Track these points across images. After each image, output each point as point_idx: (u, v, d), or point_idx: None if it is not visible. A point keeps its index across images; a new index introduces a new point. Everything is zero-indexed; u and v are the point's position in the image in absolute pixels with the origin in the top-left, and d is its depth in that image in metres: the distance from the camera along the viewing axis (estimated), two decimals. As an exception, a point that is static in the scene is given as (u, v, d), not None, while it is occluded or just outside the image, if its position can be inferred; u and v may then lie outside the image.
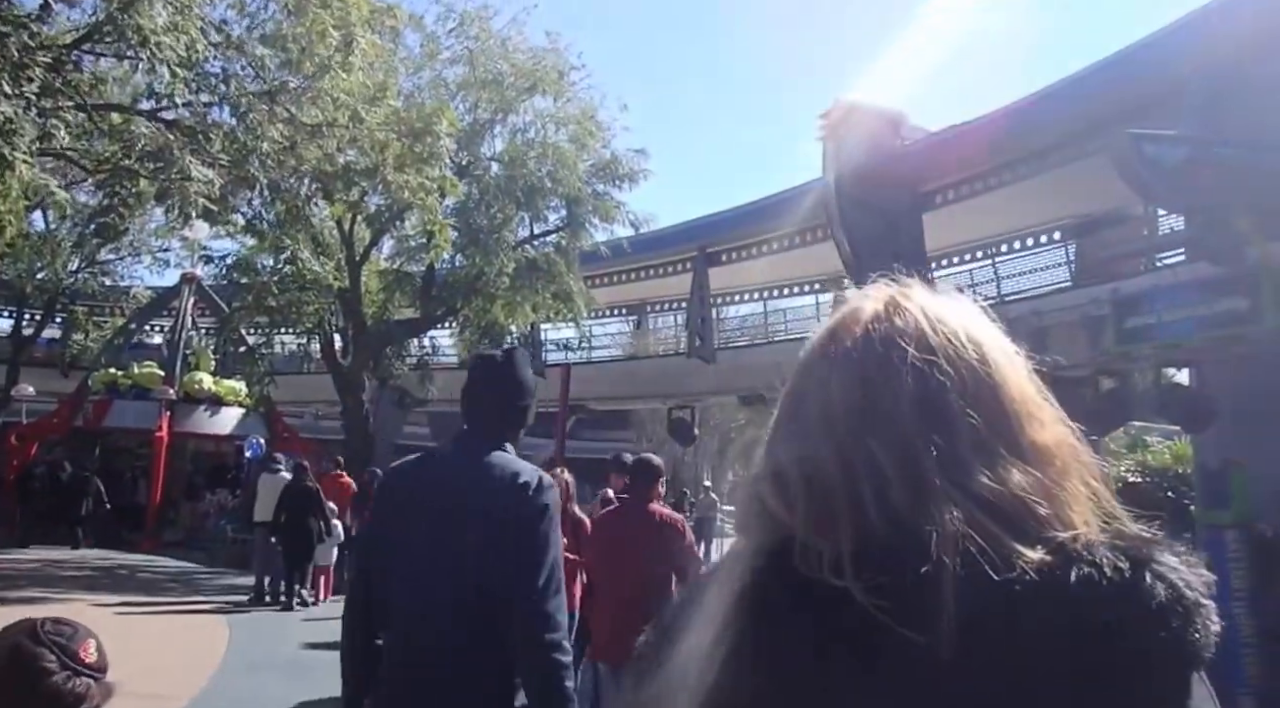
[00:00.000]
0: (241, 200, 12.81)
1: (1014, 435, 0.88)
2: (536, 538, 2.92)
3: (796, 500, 0.87)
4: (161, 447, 22.29)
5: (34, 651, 1.70)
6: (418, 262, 22.94)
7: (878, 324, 0.94)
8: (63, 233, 28.25)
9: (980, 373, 0.90)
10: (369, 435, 21.74)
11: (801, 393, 0.97)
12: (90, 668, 1.74)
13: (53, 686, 1.68)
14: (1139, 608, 0.76)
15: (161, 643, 8.02)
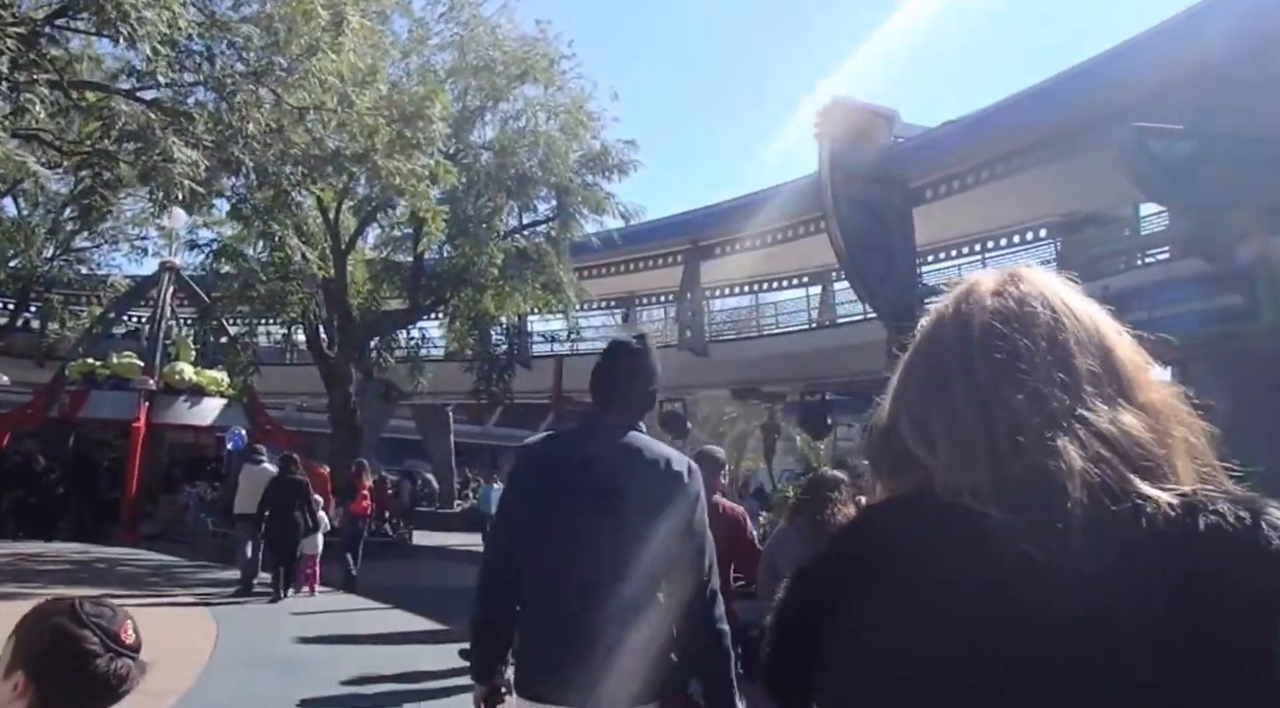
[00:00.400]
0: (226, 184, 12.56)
1: (1128, 389, 0.99)
2: (695, 524, 3.01)
3: (937, 443, 0.99)
4: (139, 438, 22.06)
5: (77, 633, 1.71)
6: (405, 251, 22.85)
7: (1007, 288, 1.06)
8: (36, 219, 28.05)
9: (1095, 335, 1.02)
10: (356, 428, 21.60)
11: (935, 350, 1.07)
12: (130, 649, 1.77)
13: (98, 669, 1.69)
14: (1261, 556, 0.84)
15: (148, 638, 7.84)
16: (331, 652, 9.99)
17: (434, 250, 21.71)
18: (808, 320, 29.56)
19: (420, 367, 22.16)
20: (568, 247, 22.10)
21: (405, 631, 11.54)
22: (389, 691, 8.26)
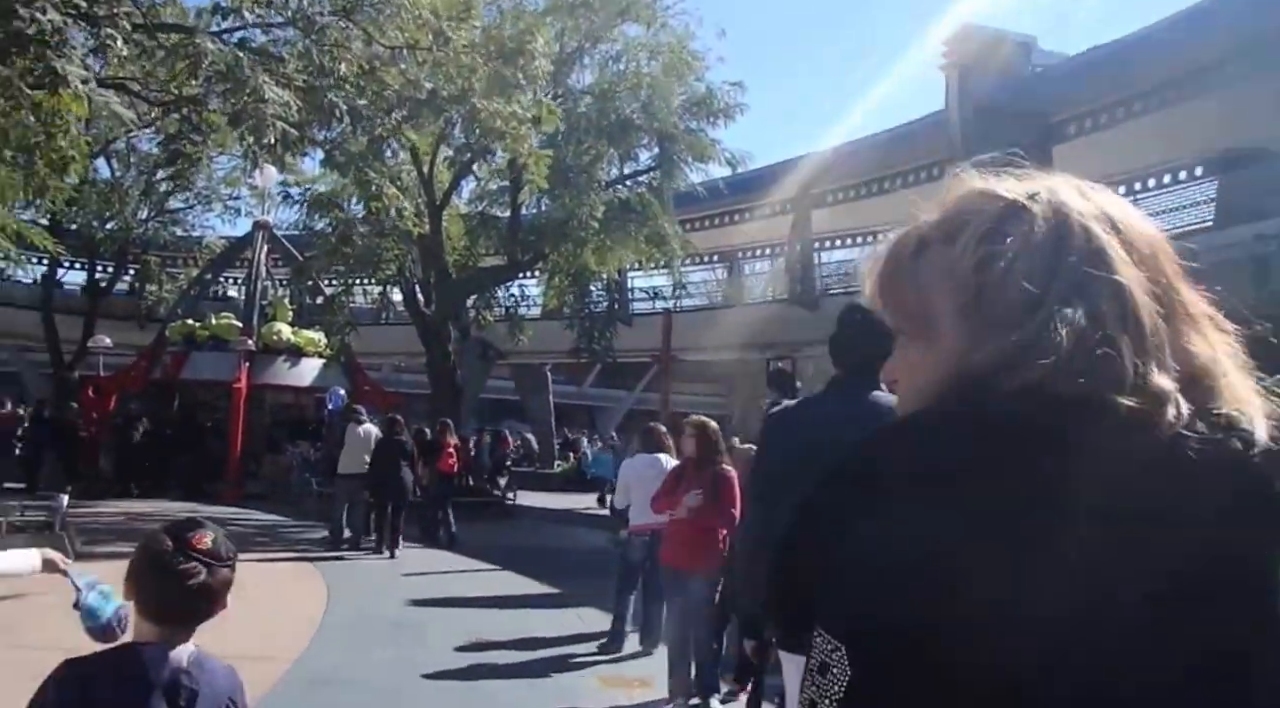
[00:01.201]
0: (319, 134, 12.29)
1: (1186, 307, 1.03)
2: None
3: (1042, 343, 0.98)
4: (240, 398, 22.46)
5: (158, 537, 2.21)
6: (501, 206, 22.66)
7: (1090, 195, 1.09)
8: (129, 180, 28.67)
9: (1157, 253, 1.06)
10: (456, 388, 21.59)
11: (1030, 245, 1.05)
12: (201, 554, 2.18)
13: (169, 567, 2.14)
14: None
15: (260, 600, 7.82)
16: (443, 615, 9.90)
17: (531, 204, 21.47)
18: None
19: (520, 324, 22.00)
20: (671, 197, 21.60)
21: (516, 594, 11.43)
22: (507, 661, 8.08)
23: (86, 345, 27.54)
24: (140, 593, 2.20)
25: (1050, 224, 1.05)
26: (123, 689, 2.09)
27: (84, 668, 2.14)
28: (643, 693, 7.37)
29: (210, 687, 2.16)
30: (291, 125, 10.31)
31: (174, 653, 2.15)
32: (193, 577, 2.15)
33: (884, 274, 1.20)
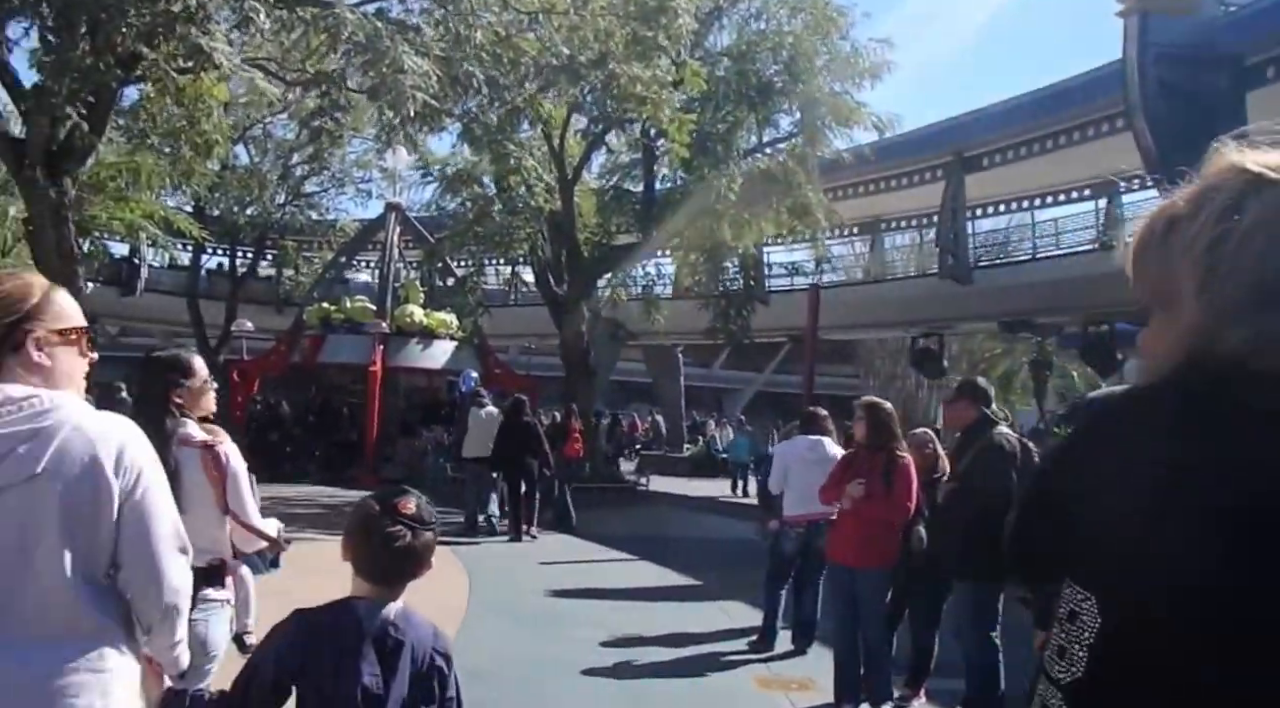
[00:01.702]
0: (455, 108, 12.09)
1: None
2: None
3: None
4: (375, 381, 22.71)
5: (367, 503, 2.53)
6: (634, 180, 22.29)
7: None
8: (267, 166, 29.45)
9: None
10: (589, 369, 21.37)
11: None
12: (409, 518, 2.48)
13: (379, 529, 2.45)
14: None
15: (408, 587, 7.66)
16: (585, 608, 9.61)
17: (667, 177, 21.06)
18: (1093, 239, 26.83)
19: (655, 303, 21.57)
20: (816, 163, 20.85)
21: (656, 585, 11.09)
22: (656, 658, 7.71)
23: (230, 330, 28.37)
24: (354, 554, 2.50)
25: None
26: (339, 637, 2.39)
27: (310, 617, 2.45)
28: (804, 697, 6.91)
29: (415, 639, 2.46)
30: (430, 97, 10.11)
31: (384, 610, 2.46)
32: (399, 539, 2.45)
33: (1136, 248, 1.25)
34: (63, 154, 11.47)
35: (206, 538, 3.46)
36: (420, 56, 9.85)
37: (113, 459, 2.06)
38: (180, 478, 3.37)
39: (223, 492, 3.60)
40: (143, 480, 2.11)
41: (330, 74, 10.51)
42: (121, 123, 16.85)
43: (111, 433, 2.10)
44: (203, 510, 3.50)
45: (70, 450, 2.02)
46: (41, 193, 11.18)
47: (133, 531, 2.09)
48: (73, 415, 2.05)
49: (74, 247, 11.72)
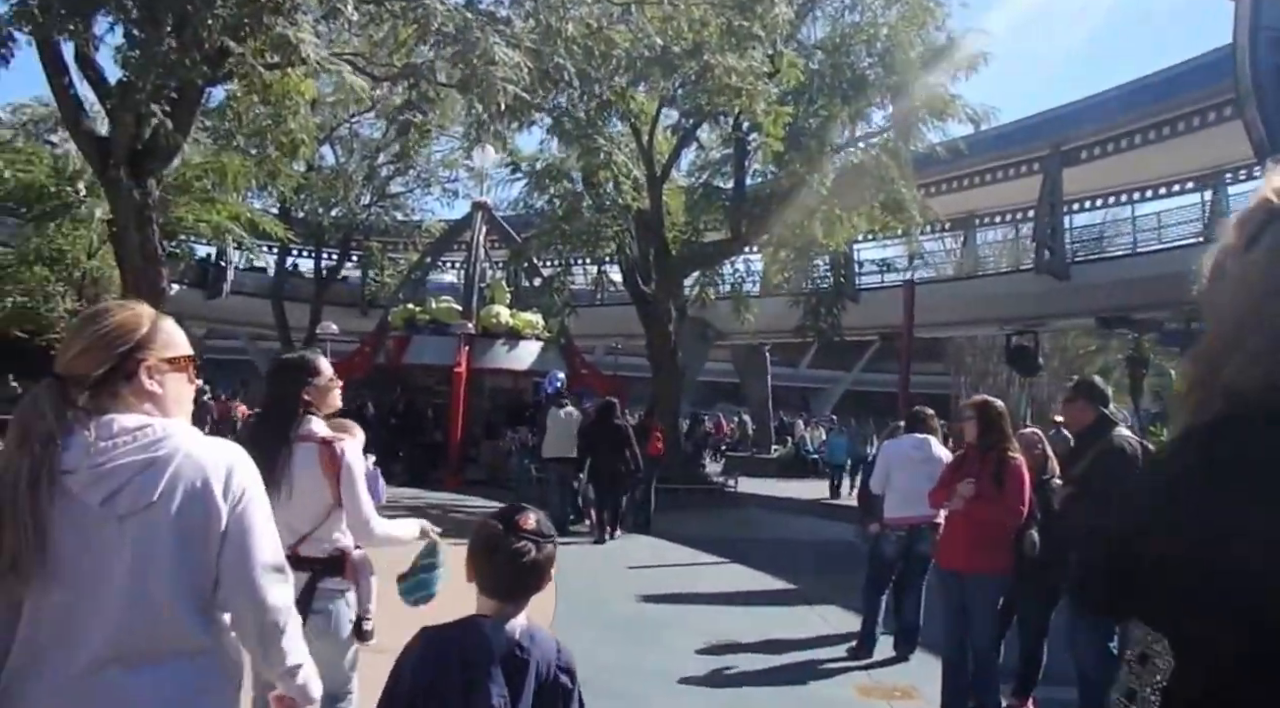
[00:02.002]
0: (547, 97, 12.03)
1: None
2: None
3: None
4: (460, 382, 22.89)
5: (489, 522, 2.59)
6: (724, 177, 22.17)
7: None
8: (352, 166, 29.93)
9: None
10: (677, 370, 21.29)
11: None
12: (529, 534, 2.53)
13: (502, 547, 2.51)
14: None
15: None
16: (677, 614, 9.55)
17: (757, 173, 20.87)
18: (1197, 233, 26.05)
19: (744, 302, 21.42)
20: (910, 158, 20.53)
21: (750, 590, 10.98)
22: (752, 666, 7.61)
23: (314, 332, 28.86)
24: (479, 572, 2.57)
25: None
26: (467, 657, 2.44)
27: (437, 636, 2.51)
28: (908, 705, 6.78)
29: (541, 656, 2.51)
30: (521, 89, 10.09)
31: (509, 625, 2.52)
32: (525, 555, 2.52)
33: (1209, 274, 1.27)
34: (147, 154, 11.67)
35: (323, 530, 3.85)
36: (511, 48, 9.85)
37: (221, 484, 2.14)
38: (293, 471, 3.73)
39: (336, 485, 3.81)
40: (246, 504, 2.19)
41: (419, 67, 10.53)
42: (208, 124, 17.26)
43: (220, 459, 2.18)
44: (316, 503, 3.81)
45: (183, 478, 2.10)
46: (125, 193, 11.38)
47: (233, 551, 2.16)
48: (184, 443, 2.14)
49: (158, 248, 11.91)
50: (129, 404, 2.15)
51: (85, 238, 18.15)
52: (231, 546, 2.16)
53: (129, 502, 2.05)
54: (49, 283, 18.59)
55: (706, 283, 22.26)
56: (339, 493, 3.83)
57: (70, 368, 2.15)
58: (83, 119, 11.75)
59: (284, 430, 3.83)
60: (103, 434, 2.09)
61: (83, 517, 2.05)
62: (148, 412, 2.17)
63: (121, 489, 2.05)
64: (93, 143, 11.75)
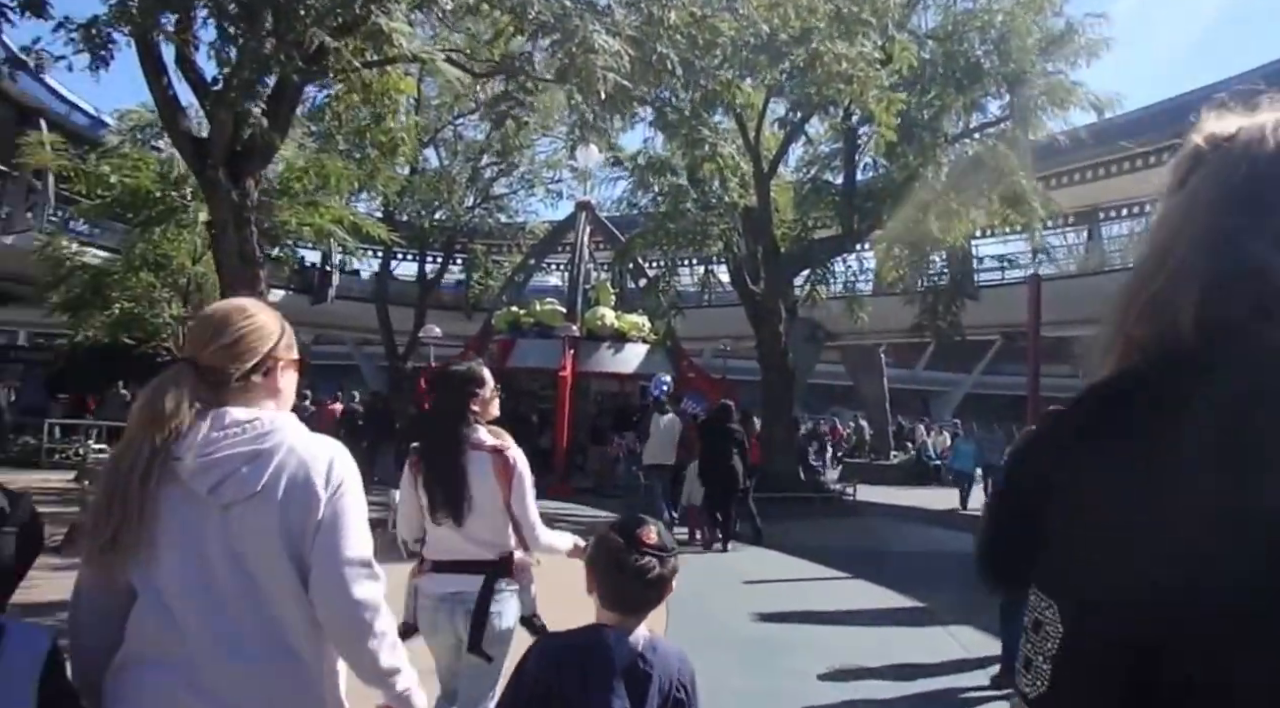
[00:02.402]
0: (649, 88, 11.64)
1: None
2: None
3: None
4: (566, 386, 22.75)
5: (610, 535, 2.61)
6: (833, 171, 21.65)
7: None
8: (456, 168, 30.07)
9: None
10: (788, 372, 20.81)
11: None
12: (652, 548, 2.56)
13: (625, 562, 2.54)
14: None
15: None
16: (797, 634, 9.11)
17: (867, 167, 20.32)
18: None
19: (860, 301, 20.80)
20: (1029, 149, 19.77)
21: (874, 608, 10.48)
22: (883, 694, 7.16)
23: (418, 336, 29.05)
24: (601, 585, 2.58)
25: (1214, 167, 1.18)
26: (589, 668, 2.46)
27: (559, 644, 2.56)
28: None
29: (663, 670, 2.51)
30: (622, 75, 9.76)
31: (631, 638, 2.53)
32: (650, 571, 2.54)
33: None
34: (245, 154, 11.63)
35: (495, 534, 4.13)
36: (610, 36, 9.53)
37: (323, 477, 2.20)
38: (469, 479, 4.06)
39: (508, 491, 4.11)
40: (342, 497, 2.23)
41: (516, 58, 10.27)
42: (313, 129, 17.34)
43: (321, 452, 2.25)
44: (491, 508, 4.10)
45: (287, 469, 2.18)
46: (223, 194, 11.35)
47: (325, 541, 2.20)
48: (290, 437, 2.22)
49: (256, 249, 11.87)
50: (256, 399, 2.28)
51: (189, 242, 18.40)
52: (323, 536, 2.19)
53: (233, 491, 2.13)
54: (155, 289, 18.93)
55: (818, 281, 21.70)
56: (509, 498, 4.11)
57: (212, 360, 2.25)
58: (181, 120, 11.78)
59: (456, 438, 4.11)
60: (215, 425, 2.17)
61: (188, 504, 2.14)
62: (266, 406, 2.28)
63: (227, 479, 2.13)
64: (191, 143, 11.78)
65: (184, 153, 12.31)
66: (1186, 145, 1.23)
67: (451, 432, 4.15)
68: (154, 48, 11.52)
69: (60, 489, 14.53)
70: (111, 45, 11.13)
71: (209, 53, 10.77)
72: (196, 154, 11.82)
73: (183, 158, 13.21)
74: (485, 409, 4.32)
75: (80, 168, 18.77)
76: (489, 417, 4.35)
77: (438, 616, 4.07)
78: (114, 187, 18.19)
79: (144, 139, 19.28)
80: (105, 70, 11.22)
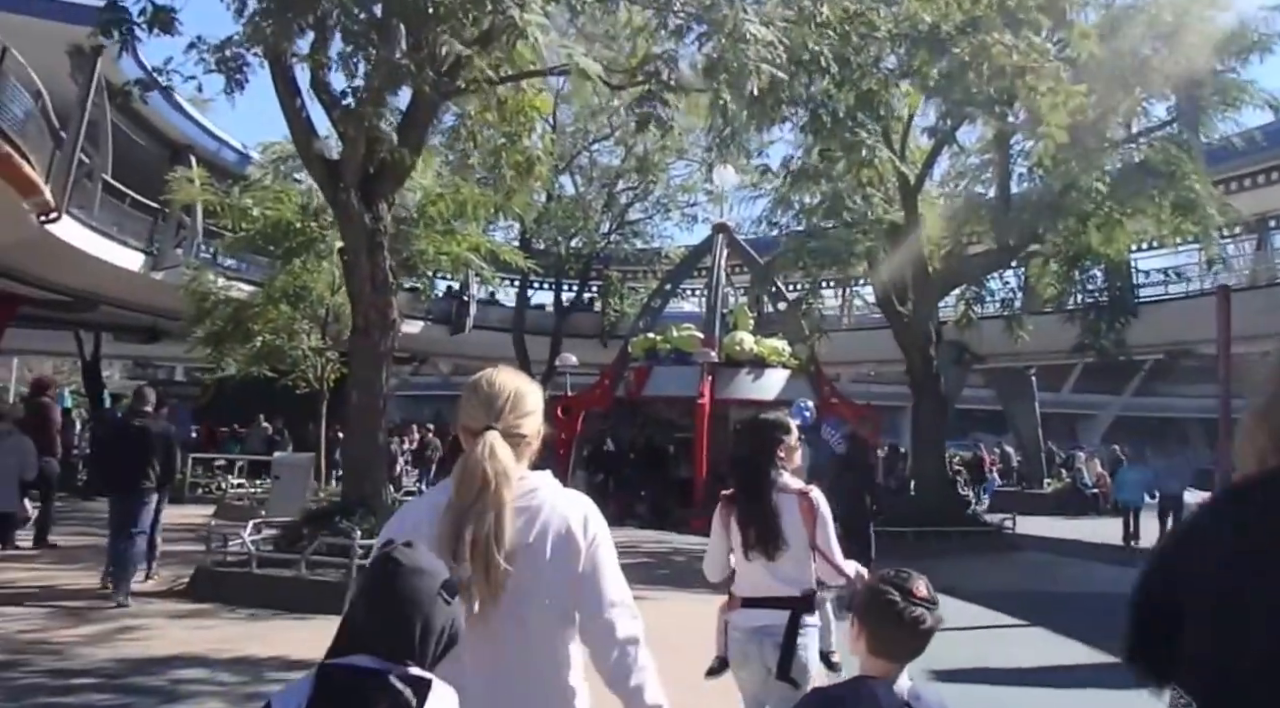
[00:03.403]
0: (801, 88, 10.61)
1: None
2: None
3: None
4: (704, 414, 21.87)
5: (882, 587, 2.63)
6: (984, 183, 20.30)
7: None
8: (591, 194, 29.65)
9: None
10: (941, 398, 19.47)
11: None
12: (922, 600, 2.58)
13: (899, 613, 2.56)
14: None
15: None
16: (981, 695, 7.90)
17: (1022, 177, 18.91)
18: None
19: (1019, 320, 19.14)
20: (1202, 151, 18.11)
21: (1065, 662, 9.22)
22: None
23: (553, 365, 28.57)
24: (873, 636, 2.63)
25: None
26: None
27: (827, 696, 2.74)
28: None
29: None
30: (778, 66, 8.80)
31: (896, 687, 2.56)
32: (923, 623, 2.58)
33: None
34: (378, 177, 11.19)
35: (800, 571, 4.43)
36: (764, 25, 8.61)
37: (580, 529, 2.48)
38: (780, 520, 4.39)
39: (813, 532, 4.42)
40: (598, 548, 2.49)
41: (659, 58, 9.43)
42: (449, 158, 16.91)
43: (577, 508, 2.52)
44: (797, 547, 4.40)
45: (551, 524, 2.45)
46: (356, 218, 10.89)
47: (590, 588, 2.46)
48: (550, 494, 2.52)
49: (389, 276, 11.36)
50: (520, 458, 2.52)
51: (327, 273, 18.23)
52: (587, 584, 2.45)
53: (512, 542, 2.37)
54: (294, 320, 18.78)
55: (974, 299, 20.27)
56: (814, 536, 4.43)
57: (510, 426, 2.52)
58: (314, 142, 11.36)
59: (767, 482, 4.47)
60: None
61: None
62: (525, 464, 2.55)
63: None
64: (323, 167, 11.36)
65: (316, 176, 11.93)
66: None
67: (762, 475, 4.49)
68: (287, 69, 11.14)
69: (197, 525, 14.29)
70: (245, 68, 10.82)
71: (338, 63, 10.33)
72: (329, 177, 11.41)
73: (315, 181, 12.90)
74: (789, 456, 4.65)
75: (225, 201, 18.80)
76: (793, 464, 4.68)
77: (748, 647, 4.40)
78: (256, 219, 18.12)
79: (286, 172, 19.26)
80: (239, 93, 10.91)
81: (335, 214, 11.97)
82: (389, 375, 12.11)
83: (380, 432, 12.05)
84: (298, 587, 10.46)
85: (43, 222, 16.52)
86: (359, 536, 10.65)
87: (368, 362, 11.67)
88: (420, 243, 17.90)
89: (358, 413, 11.84)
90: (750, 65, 8.28)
